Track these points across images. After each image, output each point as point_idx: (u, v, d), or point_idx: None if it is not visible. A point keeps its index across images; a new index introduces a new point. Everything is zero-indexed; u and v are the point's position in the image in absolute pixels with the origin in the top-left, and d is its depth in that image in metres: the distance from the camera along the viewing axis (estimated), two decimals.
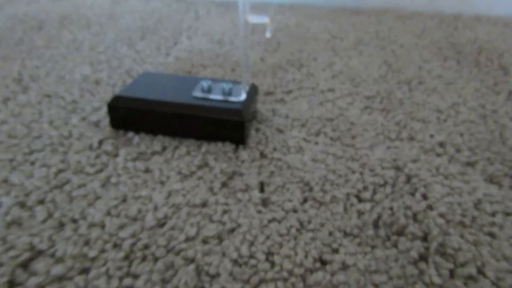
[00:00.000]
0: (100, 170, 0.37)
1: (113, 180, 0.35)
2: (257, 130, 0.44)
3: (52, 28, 0.75)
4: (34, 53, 0.64)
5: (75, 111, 0.47)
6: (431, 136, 0.44)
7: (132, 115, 0.42)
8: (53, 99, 0.50)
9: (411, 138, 0.44)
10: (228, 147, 0.41)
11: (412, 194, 0.35)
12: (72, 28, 0.75)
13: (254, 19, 0.40)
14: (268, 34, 0.40)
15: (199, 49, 0.67)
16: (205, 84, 0.43)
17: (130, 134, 0.43)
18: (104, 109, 0.48)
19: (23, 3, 0.90)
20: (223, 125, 0.41)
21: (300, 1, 0.96)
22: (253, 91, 0.45)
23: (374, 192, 0.35)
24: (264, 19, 0.40)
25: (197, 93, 0.43)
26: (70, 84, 0.54)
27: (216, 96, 0.43)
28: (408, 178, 0.37)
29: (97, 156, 0.39)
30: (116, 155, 0.39)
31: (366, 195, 0.34)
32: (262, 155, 0.40)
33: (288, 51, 0.68)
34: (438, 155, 0.41)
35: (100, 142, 0.41)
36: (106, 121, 0.45)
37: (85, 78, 0.56)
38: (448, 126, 0.46)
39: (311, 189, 0.35)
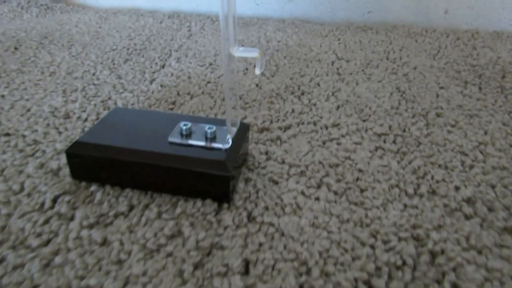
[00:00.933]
0: (47, 243, 0.30)
1: (59, 259, 0.28)
2: (247, 180, 0.37)
3: (29, 48, 0.68)
4: (3, 79, 0.57)
5: (34, 154, 0.40)
6: (456, 188, 0.36)
7: (95, 164, 0.35)
8: (12, 138, 0.43)
9: (433, 192, 0.36)
10: (209, 207, 0.33)
11: (439, 283, 0.27)
12: (52, 49, 0.69)
13: (240, 52, 0.33)
14: (257, 71, 0.33)
15: (188, 74, 0.60)
16: (184, 127, 0.36)
17: (93, 187, 0.36)
18: None
19: (6, 21, 0.83)
20: (204, 180, 0.33)
21: (302, 15, 0.89)
22: (242, 133, 0.38)
23: (390, 277, 0.27)
24: (253, 53, 0.32)
25: (174, 138, 0.36)
26: (35, 119, 0.47)
27: (196, 142, 0.35)
28: (433, 256, 0.29)
29: (47, 221, 0.32)
30: (71, 219, 0.32)
31: (379, 283, 0.27)
32: (250, 218, 0.33)
33: (288, 74, 0.60)
34: (467, 217, 0.33)
35: (55, 200, 0.34)
36: (67, 168, 0.38)
37: (54, 111, 0.49)
38: (475, 174, 0.38)
39: (308, 272, 0.28)
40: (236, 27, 0.34)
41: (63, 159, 0.39)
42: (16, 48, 0.68)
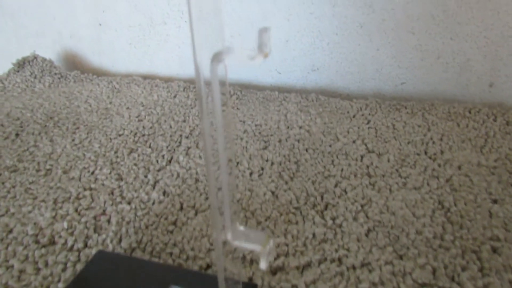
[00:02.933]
0: None
1: None
2: None
3: (31, 135, 0.64)
4: None
5: None
6: None
7: None
8: None
9: None
10: None
11: None
12: (55, 134, 0.64)
13: (240, 241, 0.26)
14: (263, 265, 0.25)
15: (195, 175, 0.53)
16: None
17: None
18: None
19: (16, 93, 0.80)
20: None
21: (327, 85, 0.82)
22: None
23: None
24: (254, 246, 0.25)
25: None
26: (14, 247, 0.41)
27: None
28: None
29: None
30: None
31: None
32: None
33: (310, 176, 0.52)
34: None
35: None
36: None
37: (38, 233, 0.43)
38: None
39: None
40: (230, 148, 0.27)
41: None
42: (17, 135, 0.64)
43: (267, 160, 0.56)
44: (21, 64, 0.88)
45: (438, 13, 0.71)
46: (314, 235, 0.42)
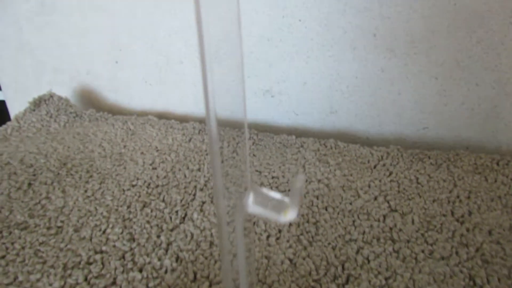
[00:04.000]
0: None
1: None
2: None
3: (43, 185, 0.63)
4: (3, 242, 0.51)
5: None
6: None
7: None
8: None
9: None
10: None
11: None
12: (67, 184, 0.63)
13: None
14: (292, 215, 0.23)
15: (210, 237, 0.51)
16: None
17: None
18: None
19: (31, 134, 0.80)
20: None
21: (346, 128, 0.79)
22: None
23: None
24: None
25: None
26: None
27: None
28: None
29: None
30: None
31: None
32: None
33: (330, 240, 0.50)
34: None
35: None
36: None
37: None
38: None
39: None
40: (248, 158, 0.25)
41: None
42: (30, 184, 0.63)
43: (283, 226, 0.54)
44: (37, 103, 0.88)
45: (463, 59, 0.68)
46: None
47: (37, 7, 0.92)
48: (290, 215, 0.25)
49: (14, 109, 1.10)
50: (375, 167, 0.65)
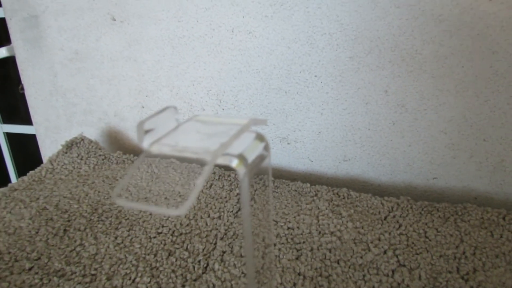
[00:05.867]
0: None
1: None
2: None
3: (77, 231, 0.68)
4: None
5: None
6: None
7: None
8: None
9: None
10: None
11: None
12: (98, 230, 0.68)
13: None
14: None
15: (230, 287, 0.55)
16: None
17: None
18: None
19: (63, 175, 0.86)
20: None
21: (358, 175, 0.84)
22: None
23: None
24: None
25: None
26: None
27: None
28: None
29: None
30: None
31: None
32: None
33: None
34: None
35: None
36: None
37: None
38: None
39: None
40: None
41: None
42: (65, 231, 0.68)
43: (299, 274, 0.58)
44: (69, 146, 0.95)
45: (471, 116, 0.72)
46: None
47: (71, 55, 1.00)
48: None
49: (44, 144, 1.18)
50: (385, 218, 0.69)
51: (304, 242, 0.64)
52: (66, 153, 0.94)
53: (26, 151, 1.45)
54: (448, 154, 0.76)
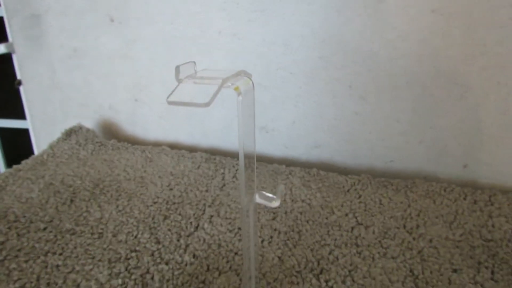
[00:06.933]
0: None
1: None
2: None
3: (83, 201, 0.78)
4: (59, 243, 0.66)
5: None
6: None
7: None
8: None
9: None
10: None
11: None
12: (102, 201, 0.78)
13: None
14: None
15: (218, 242, 0.66)
16: None
17: None
18: None
19: (64, 159, 0.95)
20: None
21: (328, 160, 0.96)
22: None
23: None
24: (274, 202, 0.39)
25: None
26: None
27: None
28: None
29: None
30: None
31: None
32: None
33: (309, 244, 0.66)
34: None
35: None
36: None
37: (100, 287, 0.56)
38: None
39: None
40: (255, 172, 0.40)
41: None
42: (72, 201, 0.78)
43: (275, 229, 0.70)
44: (69, 134, 1.05)
45: (419, 107, 0.87)
46: None
47: (70, 52, 1.10)
48: (276, 203, 0.41)
49: (40, 137, 1.26)
50: (348, 190, 0.82)
51: (279, 207, 0.76)
52: (65, 140, 1.03)
53: (16, 146, 1.52)
54: (402, 140, 0.90)
